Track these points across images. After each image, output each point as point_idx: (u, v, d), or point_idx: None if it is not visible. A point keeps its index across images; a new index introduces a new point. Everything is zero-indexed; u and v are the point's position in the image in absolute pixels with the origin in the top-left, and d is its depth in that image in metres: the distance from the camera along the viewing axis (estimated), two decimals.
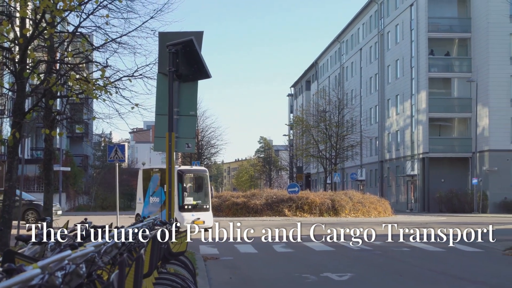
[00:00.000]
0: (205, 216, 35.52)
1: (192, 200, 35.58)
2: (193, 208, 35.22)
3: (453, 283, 17.33)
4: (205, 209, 36.14)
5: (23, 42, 18.08)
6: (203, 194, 36.98)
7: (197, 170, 40.50)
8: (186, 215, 34.22)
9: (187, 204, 35.02)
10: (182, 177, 35.62)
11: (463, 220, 51.58)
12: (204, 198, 36.69)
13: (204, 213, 35.65)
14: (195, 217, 34.17)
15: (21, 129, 18.81)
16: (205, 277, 17.48)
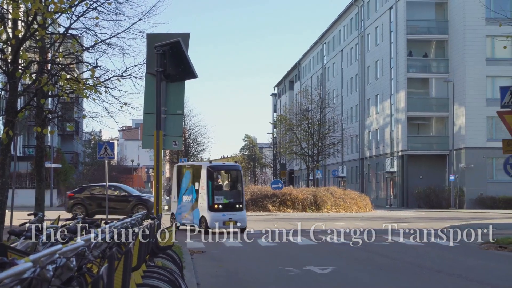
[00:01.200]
0: (238, 216, 31.66)
1: (223, 199, 31.97)
2: (224, 208, 31.51)
3: (430, 275, 17.37)
4: (238, 208, 32.10)
5: (15, 43, 18.01)
6: (236, 192, 33.54)
7: (229, 166, 38.34)
8: (216, 216, 30.98)
9: (218, 203, 31.36)
10: (212, 174, 31.89)
11: (441, 215, 51.77)
12: (237, 196, 33.03)
13: (237, 213, 31.79)
14: (226, 218, 31.00)
15: (13, 127, 18.74)
16: (192, 270, 17.46)
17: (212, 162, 35.53)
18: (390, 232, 32.00)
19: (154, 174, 19.27)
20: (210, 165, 32.57)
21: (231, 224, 30.92)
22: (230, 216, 31.02)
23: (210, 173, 31.51)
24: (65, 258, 4.48)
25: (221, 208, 31.20)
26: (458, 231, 32.56)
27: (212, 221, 30.60)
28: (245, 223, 31.93)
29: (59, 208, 58.38)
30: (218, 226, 30.63)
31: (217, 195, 31.52)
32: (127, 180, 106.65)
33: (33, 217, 11.82)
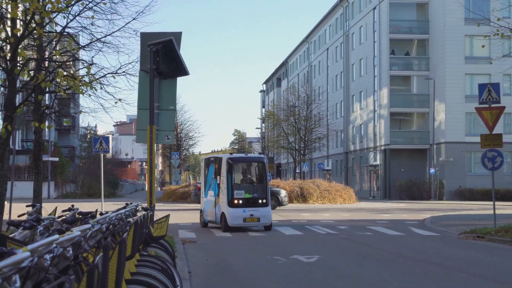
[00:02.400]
0: (261, 213, 27.79)
1: (244, 194, 28.11)
2: (245, 204, 27.70)
3: (411, 264, 17.43)
4: (262, 204, 28.07)
5: (14, 41, 17.98)
6: (260, 186, 29.03)
7: (252, 158, 33.40)
8: (236, 212, 27.37)
9: (238, 199, 27.60)
10: (232, 167, 28.32)
11: (421, 206, 51.91)
12: (260, 191, 28.76)
13: (260, 209, 27.85)
14: (247, 214, 27.32)
15: (12, 122, 18.69)
16: (184, 259, 17.47)
17: (232, 154, 31.15)
18: (373, 223, 32.10)
19: (148, 167, 19.26)
20: (230, 157, 28.82)
21: (253, 222, 27.68)
22: (252, 213, 27.42)
23: (229, 165, 28.14)
24: (61, 248, 4.47)
25: (242, 203, 27.64)
26: (437, 222, 32.67)
27: (232, 218, 27.31)
28: (269, 220, 28.13)
29: (56, 200, 58.30)
30: (238, 223, 27.41)
31: (237, 190, 28.00)
32: (121, 173, 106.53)
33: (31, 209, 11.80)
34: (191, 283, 13.86)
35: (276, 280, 14.62)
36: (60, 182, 74.49)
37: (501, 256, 19.26)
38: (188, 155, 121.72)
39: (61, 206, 14.50)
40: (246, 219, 27.32)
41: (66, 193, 74.08)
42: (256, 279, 14.97)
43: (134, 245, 8.19)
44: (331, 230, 28.02)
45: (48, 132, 65.43)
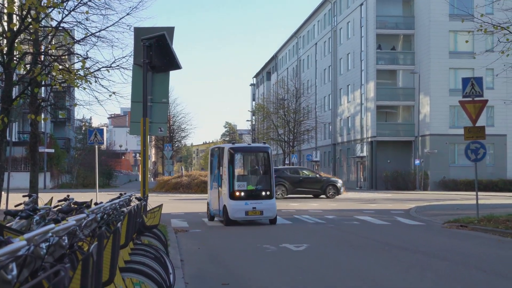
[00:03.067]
0: (265, 205, 25.62)
1: (247, 185, 26.15)
2: (248, 196, 25.64)
3: (397, 252, 17.47)
4: (265, 196, 25.94)
5: (10, 35, 17.92)
6: (263, 177, 26.98)
7: (254, 147, 30.37)
8: (238, 205, 25.35)
9: (239, 190, 25.58)
10: (233, 157, 26.16)
11: (407, 197, 52.00)
12: (264, 182, 26.65)
13: (264, 201, 25.72)
14: (249, 207, 25.27)
15: (9, 115, 18.66)
16: (176, 248, 17.48)
17: (235, 144, 28.45)
18: (360, 213, 32.14)
19: (141, 159, 19.25)
20: (231, 147, 26.55)
21: (256, 215, 25.51)
22: (254, 205, 25.32)
23: (231, 155, 25.94)
24: (57, 237, 4.47)
25: (244, 196, 25.59)
26: (422, 211, 32.74)
27: (233, 211, 25.27)
28: (273, 214, 25.93)
29: (52, 190, 58.18)
30: (239, 217, 25.44)
31: (239, 181, 26.04)
32: (115, 164, 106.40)
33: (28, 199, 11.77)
34: (183, 271, 13.86)
35: (266, 268, 14.64)
36: (56, 173, 74.34)
37: (484, 245, 19.32)
38: (181, 147, 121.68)
39: (57, 196, 14.47)
40: (249, 212, 25.26)
41: (62, 184, 73.94)
42: (246, 267, 14.99)
43: (128, 234, 8.18)
44: (319, 220, 28.05)
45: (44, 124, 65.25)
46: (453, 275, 13.47)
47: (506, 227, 22.92)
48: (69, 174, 78.13)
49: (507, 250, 18.12)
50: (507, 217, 25.69)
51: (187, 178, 60.40)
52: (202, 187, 56.73)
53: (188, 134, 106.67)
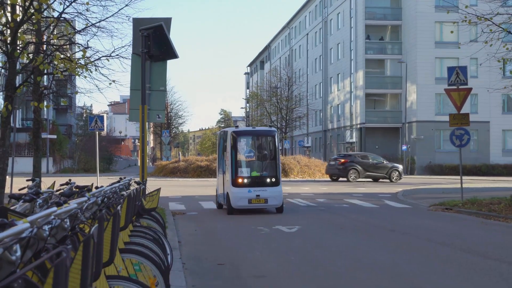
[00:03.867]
0: (269, 193, 23.16)
1: (250, 172, 23.74)
2: (251, 183, 23.21)
3: (384, 234, 17.52)
4: (271, 183, 23.37)
5: (13, 26, 17.85)
6: (269, 163, 24.17)
7: (260, 131, 26.56)
8: (240, 192, 22.92)
9: (242, 177, 23.20)
10: (236, 141, 23.66)
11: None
12: (270, 168, 24.03)
13: (269, 188, 23.24)
14: (252, 195, 22.90)
15: (12, 102, 18.59)
16: (174, 230, 17.50)
17: (238, 127, 26.06)
18: (350, 196, 32.19)
19: (140, 144, 19.23)
20: (234, 130, 24.12)
21: (260, 203, 23.11)
22: (258, 193, 22.95)
23: (234, 139, 23.51)
24: (59, 219, 4.46)
25: (247, 183, 23.17)
26: (409, 195, 32.81)
27: (235, 199, 22.91)
28: (279, 202, 23.39)
29: (55, 175, 58.13)
30: (242, 205, 23.04)
31: (242, 167, 23.67)
32: (115, 150, 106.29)
33: (31, 183, 11.75)
34: (180, 252, 13.87)
35: (259, 249, 14.67)
36: (58, 158, 74.23)
37: (468, 227, 19.39)
38: (178, 133, 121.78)
39: (59, 180, 14.46)
40: (252, 200, 22.88)
41: (64, 168, 73.84)
42: (241, 248, 15.01)
43: (128, 216, 8.18)
44: (310, 203, 28.09)
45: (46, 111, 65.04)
46: (439, 256, 13.51)
47: (489, 209, 22.99)
48: (71, 159, 78.04)
49: (490, 231, 18.18)
50: (490, 200, 25.78)
51: (184, 163, 60.34)
52: (198, 172, 56.78)
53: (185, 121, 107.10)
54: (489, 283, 10.49)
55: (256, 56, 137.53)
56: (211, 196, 31.10)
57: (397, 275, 11.31)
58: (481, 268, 11.95)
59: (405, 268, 12.03)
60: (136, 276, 6.98)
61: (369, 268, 12.03)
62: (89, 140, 77.29)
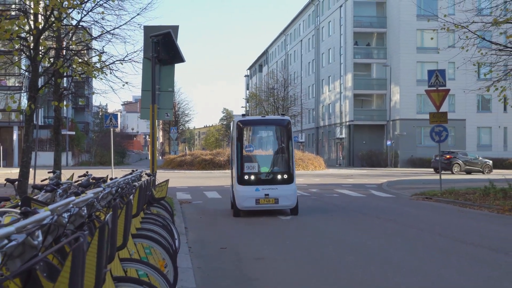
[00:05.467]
0: (281, 191, 18.30)
1: (259, 167, 18.86)
2: (259, 180, 18.46)
3: (371, 221, 17.51)
4: (282, 180, 18.50)
5: (36, 33, 17.84)
6: (281, 157, 19.17)
7: (270, 120, 21.30)
8: (246, 191, 18.22)
9: (249, 173, 18.44)
10: (242, 132, 18.92)
11: (379, 172, 52.12)
12: (282, 163, 19.06)
13: (280, 186, 18.35)
14: (261, 194, 18.17)
15: (35, 102, 18.60)
16: (181, 217, 17.50)
17: (245, 115, 20.25)
18: (340, 186, 32.20)
19: (150, 140, 19.22)
20: (241, 119, 19.18)
21: (269, 204, 18.25)
22: (267, 192, 18.23)
23: (240, 130, 18.82)
24: (77, 208, 4.46)
25: (254, 180, 18.45)
26: (393, 185, 32.83)
27: (241, 199, 18.29)
28: (291, 202, 18.49)
29: (73, 167, 58.09)
30: (249, 206, 18.36)
31: (248, 162, 18.78)
32: (128, 145, 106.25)
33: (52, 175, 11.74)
34: (187, 237, 13.88)
35: (258, 235, 14.69)
36: (76, 152, 74.23)
37: (446, 214, 19.40)
38: (185, 130, 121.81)
39: (77, 172, 14.45)
40: (260, 200, 18.21)
41: (82, 162, 73.81)
42: (241, 234, 15.01)
43: (139, 205, 8.17)
44: (304, 192, 28.08)
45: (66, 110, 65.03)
46: (419, 240, 13.52)
47: (465, 199, 23.02)
48: (88, 153, 78.03)
49: (466, 218, 18.20)
50: (466, 190, 25.82)
51: (190, 157, 60.29)
52: (203, 165, 56.72)
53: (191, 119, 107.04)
54: (465, 264, 10.50)
55: (255, 60, 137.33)
56: (214, 186, 31.13)
57: (383, 259, 11.31)
58: (458, 252, 11.96)
59: (391, 253, 12.03)
60: (147, 259, 6.98)
61: (357, 252, 12.04)
62: (104, 136, 77.26)
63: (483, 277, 9.50)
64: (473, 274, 9.72)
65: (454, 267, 10.35)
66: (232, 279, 9.67)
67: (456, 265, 10.49)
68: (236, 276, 9.90)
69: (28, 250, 3.11)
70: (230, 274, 10.12)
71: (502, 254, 11.66)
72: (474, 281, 9.17)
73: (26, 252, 3.10)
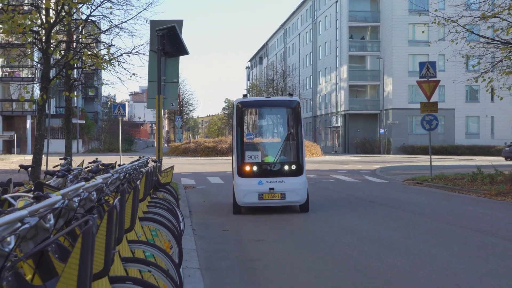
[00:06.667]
0: (288, 185, 14.99)
1: (262, 157, 15.42)
2: (263, 171, 15.11)
3: (364, 204, 17.53)
4: (290, 172, 15.17)
5: (47, 27, 17.80)
6: (288, 145, 15.68)
7: (276, 101, 17.58)
8: (247, 184, 14.97)
9: (251, 163, 15.11)
10: (243, 115, 15.58)
11: (373, 159, 52.11)
12: (290, 151, 15.63)
13: (287, 179, 15.02)
14: (265, 188, 14.86)
15: (47, 92, 18.58)
16: (185, 201, 17.52)
17: (248, 97, 16.72)
18: (335, 172, 32.21)
19: (156, 128, 19.22)
20: (241, 101, 15.66)
21: (275, 199, 14.94)
22: (272, 185, 14.86)
23: (240, 113, 15.41)
24: (87, 192, 4.45)
25: (257, 171, 15.09)
26: (386, 171, 32.83)
27: (241, 194, 15.01)
28: (301, 197, 15.15)
29: (84, 154, 58.12)
30: (250, 202, 15.04)
31: (250, 150, 15.35)
32: (135, 133, 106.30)
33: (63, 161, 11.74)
34: (191, 220, 13.91)
35: (257, 217, 14.70)
36: (87, 140, 74.29)
37: (436, 198, 19.42)
38: (189, 119, 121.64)
39: (87, 159, 14.45)
40: (264, 195, 14.89)
41: (91, 149, 73.88)
42: (242, 217, 15.02)
43: (146, 190, 8.18)
44: None
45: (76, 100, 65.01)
46: (411, 223, 13.54)
47: (454, 184, 23.04)
48: (97, 141, 78.10)
49: (455, 202, 18.22)
50: (454, 176, 25.83)
51: (194, 144, 60.30)
52: (206, 152, 56.76)
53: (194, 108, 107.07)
54: (454, 245, 10.51)
55: (256, 53, 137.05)
56: (217, 172, 31.14)
57: (376, 240, 11.34)
58: (447, 234, 11.98)
59: (384, 234, 12.05)
60: (153, 241, 6.99)
61: (352, 234, 12.06)
62: (113, 125, 77.27)
63: (471, 257, 9.52)
64: (461, 254, 9.74)
65: (444, 247, 10.37)
66: (233, 260, 9.69)
67: (446, 246, 10.51)
68: (237, 257, 9.93)
69: (40, 233, 3.11)
70: (231, 254, 10.15)
71: (489, 235, 11.68)
72: (463, 261, 9.19)
73: (38, 234, 3.10)
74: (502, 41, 21.28)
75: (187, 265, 8.62)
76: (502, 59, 21.79)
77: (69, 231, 3.17)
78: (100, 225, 3.51)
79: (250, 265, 9.21)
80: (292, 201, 15.13)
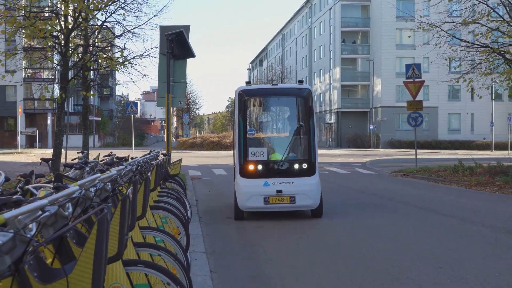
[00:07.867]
0: (298, 187, 11.84)
1: (268, 154, 12.09)
2: (269, 171, 11.90)
3: (355, 194, 17.52)
4: (300, 171, 11.97)
5: (66, 32, 17.80)
6: (298, 140, 12.30)
7: (284, 89, 12.98)
8: (250, 185, 11.89)
9: (255, 162, 11.91)
10: (246, 106, 12.25)
11: (364, 153, 52.10)
12: (300, 148, 12.25)
13: (297, 180, 11.87)
14: (271, 190, 11.76)
15: (66, 91, 18.56)
16: (192, 191, 17.52)
17: (250, 84, 12.65)
18: (329, 165, 32.19)
19: (166, 124, 19.20)
20: (244, 89, 12.35)
21: (283, 203, 11.82)
22: (280, 187, 11.81)
23: (242, 103, 12.21)
24: (103, 183, 4.45)
25: (263, 171, 11.97)
26: (375, 164, 32.82)
27: (244, 197, 11.95)
28: (313, 200, 12.05)
29: (99, 148, 58.12)
30: (254, 206, 11.94)
31: (254, 146, 12.15)
32: (147, 129, 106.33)
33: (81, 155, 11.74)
34: (198, 208, 13.90)
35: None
36: (102, 135, 74.32)
37: (421, 189, 19.41)
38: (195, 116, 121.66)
39: (103, 152, 14.46)
40: (270, 198, 11.83)
41: (106, 143, 73.91)
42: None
43: (156, 180, 8.17)
44: None
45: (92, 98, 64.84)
46: (397, 211, 13.54)
47: (437, 175, 23.04)
48: (112, 136, 78.11)
49: (438, 192, 18.21)
50: (438, 168, 25.82)
51: (200, 139, 60.31)
52: (211, 146, 56.79)
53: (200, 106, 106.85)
54: (437, 232, 10.52)
55: (256, 56, 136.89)
56: (221, 165, 31.13)
57: (366, 228, 11.34)
58: (431, 221, 11.98)
59: (373, 221, 12.04)
60: (163, 227, 6.99)
61: (343, 221, 12.05)
62: (126, 121, 77.31)
63: (453, 242, 9.52)
64: (444, 240, 9.74)
65: (428, 234, 10.37)
66: (236, 244, 9.70)
67: (430, 232, 10.51)
68: (240, 242, 9.94)
69: (59, 220, 3.11)
70: (234, 240, 10.16)
71: (469, 223, 11.68)
72: (445, 245, 9.19)
73: (58, 221, 3.10)
74: (482, 45, 21.25)
75: (194, 250, 8.62)
76: (482, 61, 21.75)
77: (86, 218, 3.17)
78: (114, 213, 3.51)
79: (251, 249, 9.22)
80: (303, 205, 12.00)
